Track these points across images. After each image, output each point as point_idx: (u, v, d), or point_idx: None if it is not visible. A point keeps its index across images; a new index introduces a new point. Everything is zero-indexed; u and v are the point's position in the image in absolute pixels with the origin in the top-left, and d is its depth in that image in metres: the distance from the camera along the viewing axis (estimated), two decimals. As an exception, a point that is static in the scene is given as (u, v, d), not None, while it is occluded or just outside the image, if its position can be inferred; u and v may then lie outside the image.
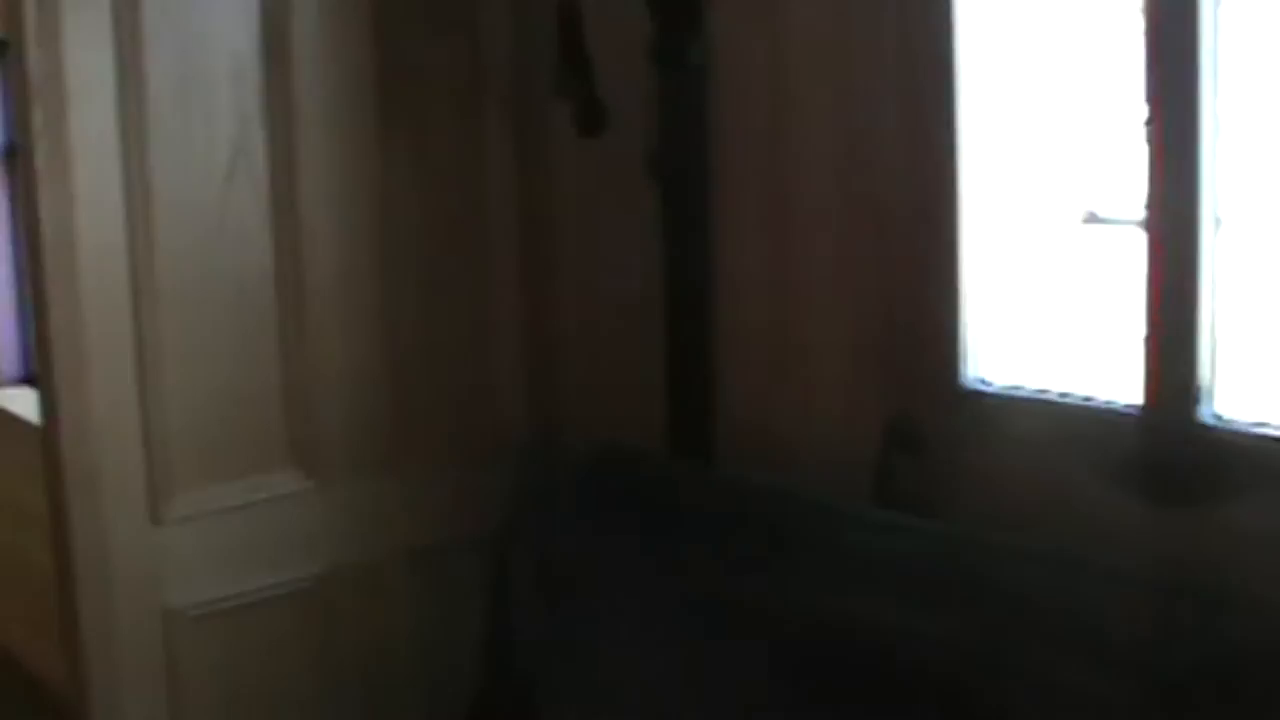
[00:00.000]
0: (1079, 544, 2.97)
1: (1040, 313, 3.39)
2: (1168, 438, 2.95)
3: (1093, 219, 3.40)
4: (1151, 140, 2.89)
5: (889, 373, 3.40)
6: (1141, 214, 2.95)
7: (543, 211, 4.14)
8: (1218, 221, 2.88)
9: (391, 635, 4.04)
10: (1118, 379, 3.14)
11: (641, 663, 3.58)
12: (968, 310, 3.30)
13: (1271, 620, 2.61)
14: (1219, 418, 2.93)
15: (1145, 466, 3.00)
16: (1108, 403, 3.13)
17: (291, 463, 3.84)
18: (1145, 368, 2.99)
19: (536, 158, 4.12)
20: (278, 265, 3.75)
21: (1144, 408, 3.01)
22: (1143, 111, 2.92)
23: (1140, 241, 2.97)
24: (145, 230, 3.56)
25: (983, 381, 3.31)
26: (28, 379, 6.60)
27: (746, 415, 3.73)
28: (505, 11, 4.03)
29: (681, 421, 3.85)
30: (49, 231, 3.45)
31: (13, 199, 6.56)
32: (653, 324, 3.86)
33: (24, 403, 6.29)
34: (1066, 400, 3.19)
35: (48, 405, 3.55)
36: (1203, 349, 2.91)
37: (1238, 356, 2.99)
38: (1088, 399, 3.17)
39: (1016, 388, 3.26)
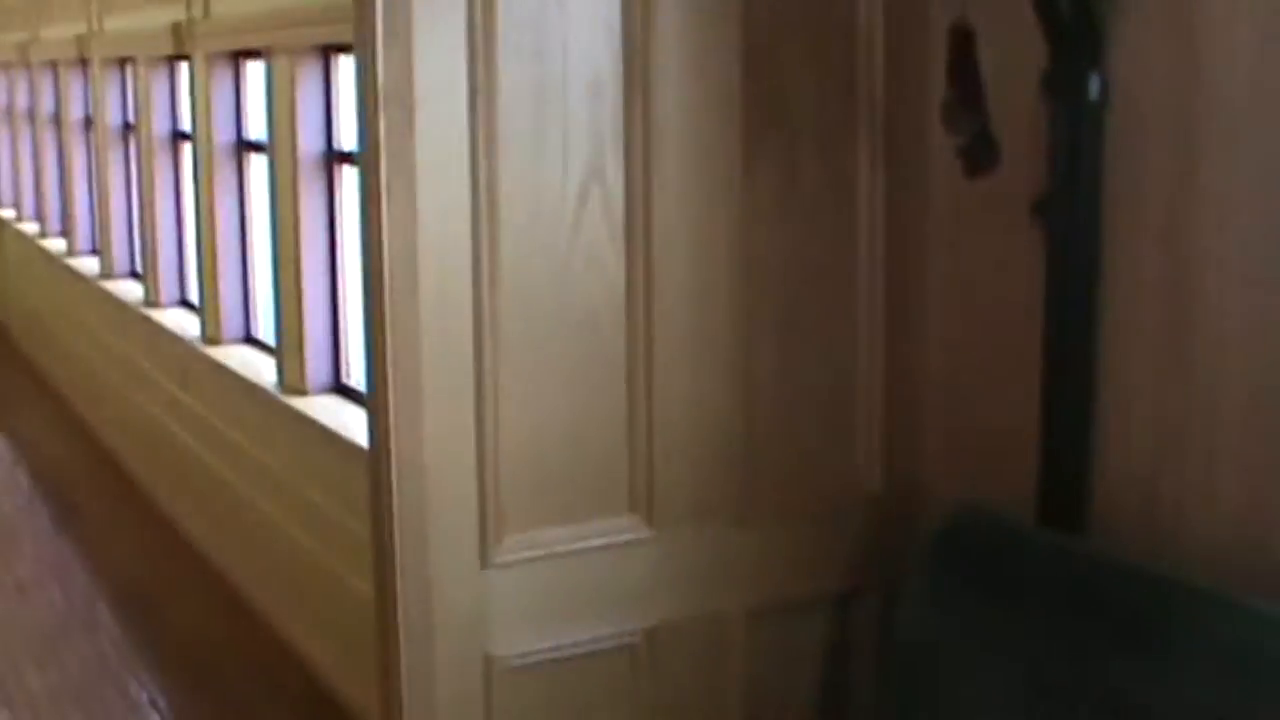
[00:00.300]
0: None
1: None
2: None
3: None
4: None
5: (1305, 451, 3.02)
6: None
7: (913, 253, 3.82)
8: None
9: (722, 699, 3.77)
10: None
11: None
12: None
13: None
14: None
15: None
16: None
17: (630, 508, 3.59)
18: None
19: (909, 195, 3.80)
20: (629, 298, 3.50)
21: None
22: None
23: None
24: (491, 252, 3.34)
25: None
26: (336, 388, 6.53)
27: (1129, 486, 3.37)
28: (881, 34, 3.72)
29: (1054, 487, 3.50)
30: (390, 249, 3.24)
31: (330, 205, 6.50)
32: (1027, 378, 3.53)
33: (330, 411, 6.22)
34: None
35: (379, 434, 3.34)
36: None
37: None
38: None
39: None
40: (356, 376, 6.48)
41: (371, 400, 3.38)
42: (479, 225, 3.32)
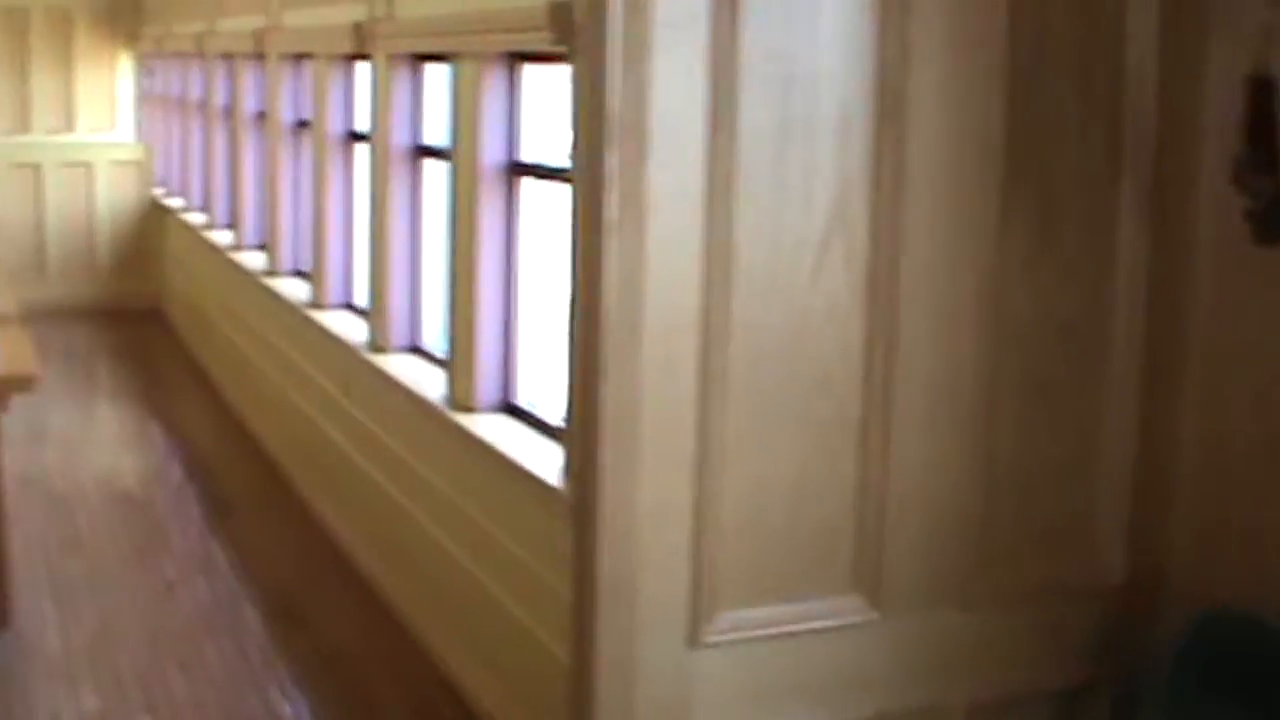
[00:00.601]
0: None
1: None
2: None
3: None
4: None
5: None
6: None
7: (1175, 321, 3.50)
8: None
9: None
10: None
11: None
12: None
13: None
14: None
15: None
16: None
17: (854, 588, 3.30)
18: None
19: (1174, 256, 3.49)
20: (867, 355, 3.22)
21: None
22: None
23: None
24: (723, 302, 3.06)
25: None
26: (506, 407, 6.30)
27: None
28: (1154, 72, 3.39)
29: (1324, 593, 3.17)
30: (613, 293, 2.97)
31: (509, 218, 6.28)
32: (1299, 470, 3.20)
33: (499, 431, 6.00)
34: None
35: (587, 496, 3.07)
36: None
37: None
38: None
39: None
40: (528, 397, 6.26)
41: (582, 454, 3.11)
42: (711, 270, 3.05)
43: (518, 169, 6.26)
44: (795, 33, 3.07)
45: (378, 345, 7.51)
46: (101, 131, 14.74)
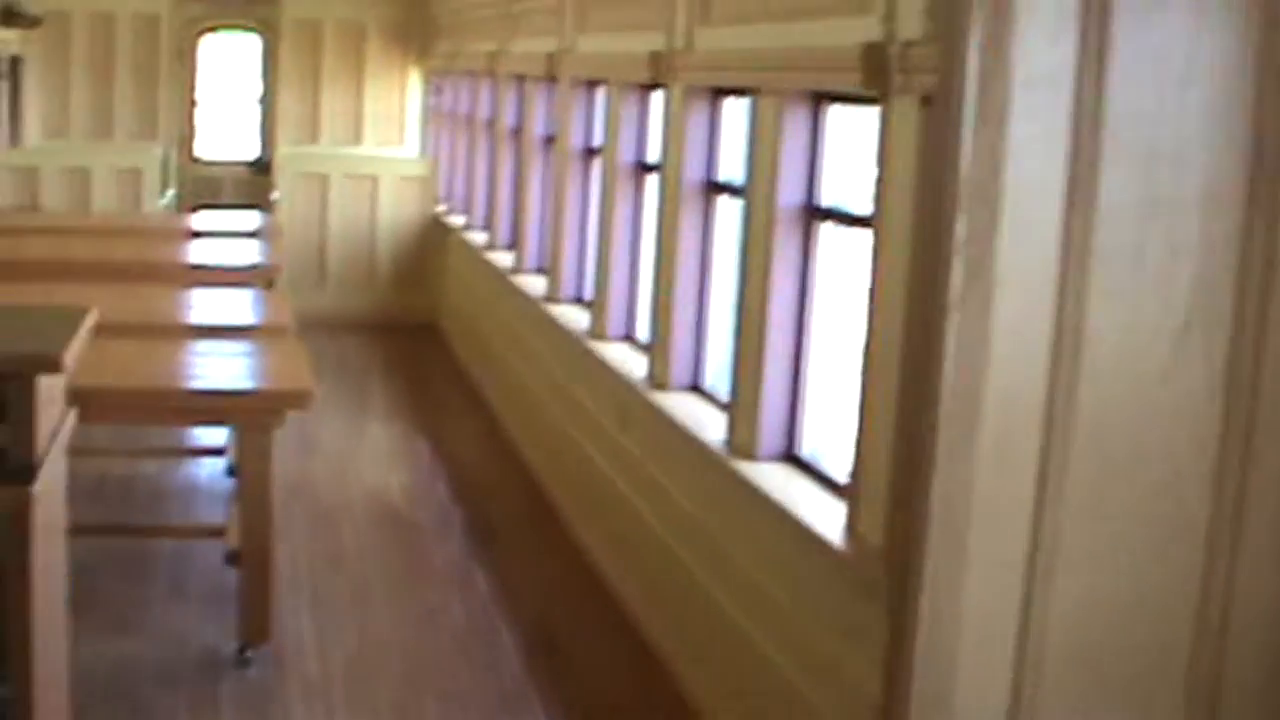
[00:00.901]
0: None
1: None
2: None
3: None
4: None
5: None
6: None
7: None
8: None
9: None
10: None
11: None
12: None
13: None
14: None
15: None
16: None
17: (1186, 711, 3.01)
18: None
19: None
20: (1220, 458, 2.97)
21: None
22: None
23: None
24: (1069, 392, 2.86)
25: None
26: (788, 456, 6.09)
27: None
28: None
29: None
30: (952, 375, 2.74)
31: (805, 261, 6.07)
32: None
33: (780, 482, 5.80)
34: None
35: (907, 592, 2.85)
36: None
37: None
38: None
39: None
40: (810, 446, 6.04)
41: (903, 546, 2.89)
42: (1059, 354, 2.84)
43: (816, 212, 6.04)
44: (1163, 98, 2.83)
45: (657, 382, 7.35)
46: (388, 145, 14.94)
